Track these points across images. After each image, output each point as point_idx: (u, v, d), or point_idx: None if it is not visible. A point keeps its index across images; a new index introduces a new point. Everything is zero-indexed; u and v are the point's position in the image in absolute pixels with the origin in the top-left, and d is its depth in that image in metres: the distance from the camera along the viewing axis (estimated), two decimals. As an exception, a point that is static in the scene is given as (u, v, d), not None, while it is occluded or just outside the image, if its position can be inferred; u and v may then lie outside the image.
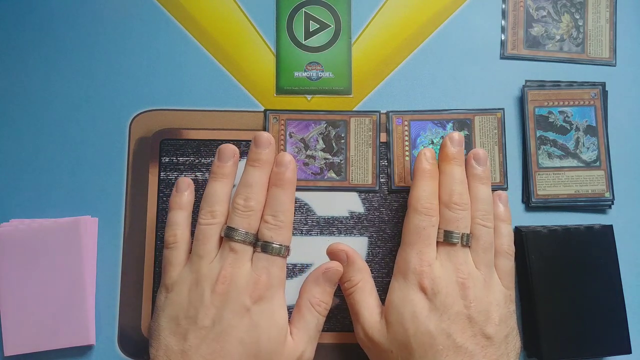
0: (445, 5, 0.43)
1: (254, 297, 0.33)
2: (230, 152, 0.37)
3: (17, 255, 0.37)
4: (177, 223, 0.36)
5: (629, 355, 0.37)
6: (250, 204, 0.35)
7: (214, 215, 0.35)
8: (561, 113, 0.41)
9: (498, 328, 0.34)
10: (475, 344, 0.33)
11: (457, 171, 0.37)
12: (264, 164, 0.36)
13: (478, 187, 0.37)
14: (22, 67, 0.41)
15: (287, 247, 0.35)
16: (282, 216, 0.35)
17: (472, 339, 0.33)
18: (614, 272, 0.37)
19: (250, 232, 0.34)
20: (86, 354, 0.38)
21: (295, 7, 0.42)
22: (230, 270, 0.33)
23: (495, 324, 0.34)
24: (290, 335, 0.35)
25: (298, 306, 0.36)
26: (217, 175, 0.36)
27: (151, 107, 0.41)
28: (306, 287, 0.36)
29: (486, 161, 0.37)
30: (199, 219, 0.35)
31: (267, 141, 0.36)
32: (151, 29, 0.42)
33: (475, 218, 0.36)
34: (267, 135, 0.36)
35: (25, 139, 0.40)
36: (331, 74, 0.42)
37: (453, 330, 0.33)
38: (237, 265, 0.34)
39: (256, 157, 0.36)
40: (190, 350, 0.32)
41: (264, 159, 0.36)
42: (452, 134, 0.37)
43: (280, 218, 0.35)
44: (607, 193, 0.40)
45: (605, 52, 0.42)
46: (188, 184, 0.37)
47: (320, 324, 0.36)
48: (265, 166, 0.36)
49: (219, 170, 0.36)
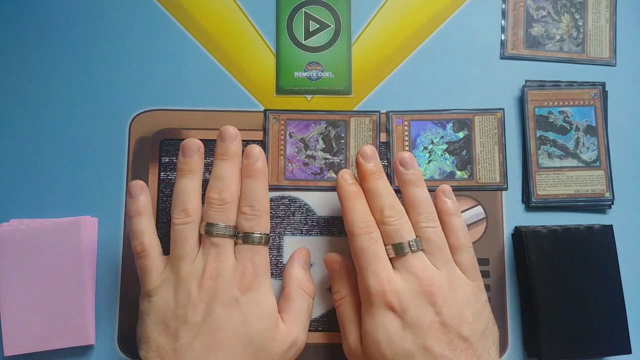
0: (445, 5, 0.43)
1: (242, 287, 0.33)
2: (195, 146, 0.36)
3: (17, 255, 0.37)
4: (140, 230, 0.35)
5: (629, 355, 0.37)
6: (224, 197, 0.35)
7: (188, 214, 0.35)
8: (561, 113, 0.41)
9: (473, 326, 0.33)
10: (454, 349, 0.32)
11: (380, 185, 0.36)
12: (232, 155, 0.36)
13: (413, 191, 0.36)
14: (22, 67, 0.41)
15: (267, 235, 0.35)
16: (259, 205, 0.35)
17: (450, 345, 0.33)
18: (614, 272, 0.37)
19: (229, 224, 0.35)
20: (86, 354, 0.38)
21: (295, 7, 0.42)
22: (215, 265, 0.34)
23: (470, 322, 0.33)
24: (283, 322, 0.35)
25: (286, 294, 0.36)
26: (184, 172, 0.36)
27: (151, 107, 0.41)
28: (291, 274, 0.37)
29: (413, 163, 0.37)
30: (173, 219, 0.35)
31: (233, 134, 0.36)
32: (151, 29, 0.42)
33: (419, 222, 0.35)
34: (233, 129, 0.36)
35: (25, 139, 0.40)
36: (331, 74, 0.42)
37: (429, 342, 0.32)
38: (221, 259, 0.34)
39: (224, 150, 0.36)
40: (182, 348, 0.32)
41: (232, 151, 0.36)
42: (364, 149, 0.37)
43: (257, 207, 0.35)
44: (607, 193, 0.40)
45: (605, 52, 0.42)
46: (141, 186, 0.37)
47: (310, 307, 0.37)
48: (234, 158, 0.36)
49: (185, 167, 0.36)
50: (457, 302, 0.34)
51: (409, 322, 0.33)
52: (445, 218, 0.37)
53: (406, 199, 0.37)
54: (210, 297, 0.33)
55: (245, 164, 0.36)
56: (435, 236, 0.35)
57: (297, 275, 0.37)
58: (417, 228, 0.36)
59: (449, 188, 0.38)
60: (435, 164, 0.41)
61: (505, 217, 0.41)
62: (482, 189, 0.41)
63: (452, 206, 0.37)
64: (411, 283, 0.34)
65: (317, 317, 0.39)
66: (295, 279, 0.37)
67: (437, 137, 0.41)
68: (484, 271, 0.39)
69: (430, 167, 0.41)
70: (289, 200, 0.40)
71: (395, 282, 0.34)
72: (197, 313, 0.33)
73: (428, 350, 0.32)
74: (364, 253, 0.35)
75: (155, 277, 0.35)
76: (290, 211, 0.40)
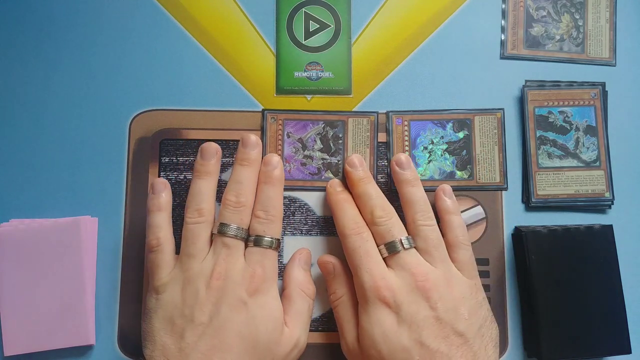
0: (445, 5, 0.43)
1: (250, 290, 0.34)
2: (213, 149, 0.37)
3: (17, 255, 0.38)
4: (158, 225, 0.36)
5: (629, 355, 0.37)
6: (241, 200, 0.35)
7: (201, 214, 0.35)
8: (561, 113, 0.41)
9: (469, 322, 0.33)
10: (449, 345, 0.33)
11: (369, 188, 0.37)
12: (253, 162, 0.37)
13: (410, 191, 0.37)
14: (22, 67, 0.41)
15: (278, 240, 0.36)
16: (273, 211, 0.36)
17: (445, 341, 0.33)
18: (614, 272, 0.37)
19: (242, 227, 0.35)
20: (86, 354, 0.38)
21: (295, 7, 0.42)
22: (224, 266, 0.34)
23: (465, 318, 0.33)
24: (285, 324, 0.35)
25: (287, 295, 0.37)
26: (201, 173, 0.37)
27: (151, 107, 0.41)
28: (292, 275, 0.37)
29: (409, 163, 0.38)
30: (186, 218, 0.36)
31: (255, 143, 0.37)
32: (151, 29, 0.42)
33: (416, 221, 0.36)
34: (255, 138, 0.38)
35: (25, 139, 0.40)
36: (331, 74, 0.42)
37: (425, 337, 0.33)
38: (231, 260, 0.34)
39: (245, 156, 0.37)
40: (188, 347, 0.32)
41: (253, 158, 0.37)
42: (351, 158, 0.38)
43: (272, 213, 0.36)
44: (607, 193, 0.40)
45: (605, 52, 0.42)
46: (164, 184, 0.38)
47: (311, 308, 0.37)
48: (253, 165, 0.37)
49: (202, 169, 0.37)
50: (453, 298, 0.34)
51: (404, 318, 0.33)
52: (445, 216, 0.37)
53: (402, 198, 0.37)
54: (217, 297, 0.33)
55: (263, 171, 0.37)
56: (432, 234, 0.36)
57: (297, 276, 0.37)
58: (414, 226, 0.36)
59: (449, 188, 0.38)
60: (435, 164, 0.41)
61: (505, 217, 0.41)
62: (482, 189, 0.41)
63: (452, 205, 0.38)
64: (405, 279, 0.34)
65: (317, 317, 0.39)
66: (296, 280, 0.37)
67: (437, 137, 0.41)
68: (484, 271, 0.39)
69: (430, 167, 0.41)
70: (288, 201, 0.40)
71: (389, 278, 0.34)
72: (204, 313, 0.33)
73: (424, 345, 0.32)
74: (356, 253, 0.35)
75: (165, 274, 0.35)
76: (290, 211, 0.40)
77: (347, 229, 0.36)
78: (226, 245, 0.34)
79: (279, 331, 0.34)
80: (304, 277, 0.38)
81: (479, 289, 0.36)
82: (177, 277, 0.34)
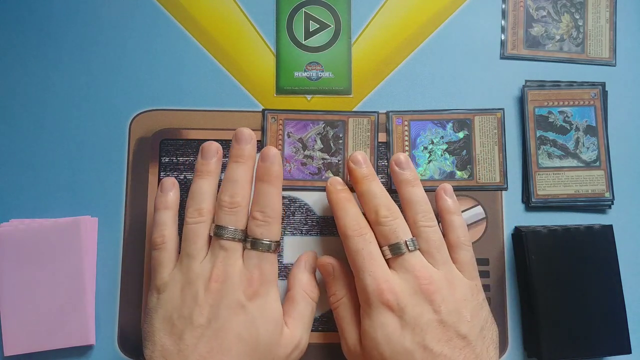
0: (445, 5, 0.43)
1: (248, 293, 0.33)
2: (214, 149, 0.37)
3: (17, 255, 0.38)
4: (164, 223, 0.36)
5: (629, 355, 0.37)
6: (236, 200, 0.35)
7: (202, 213, 0.35)
8: (561, 113, 0.41)
9: (471, 324, 0.33)
10: (452, 348, 0.32)
11: (373, 187, 0.36)
12: (247, 159, 0.36)
13: (410, 191, 0.36)
14: (22, 67, 0.41)
15: (277, 243, 0.35)
16: (271, 212, 0.35)
17: (448, 344, 0.33)
18: (614, 272, 0.37)
19: (238, 228, 0.35)
20: (86, 354, 0.38)
21: (295, 7, 0.42)
22: (222, 269, 0.34)
23: (468, 320, 0.33)
24: (286, 325, 0.35)
25: (291, 297, 0.36)
26: (202, 173, 0.36)
27: (151, 107, 0.41)
28: (296, 277, 0.37)
29: (409, 163, 0.37)
30: (186, 217, 0.35)
31: (248, 136, 0.36)
32: (151, 29, 0.42)
33: (417, 222, 0.36)
34: (248, 131, 0.36)
35: (25, 139, 0.40)
36: (331, 74, 0.42)
37: (428, 340, 0.32)
38: (228, 263, 0.34)
39: (239, 152, 0.36)
40: (187, 349, 0.32)
41: (247, 155, 0.36)
42: (355, 155, 0.37)
43: (269, 214, 0.35)
44: (607, 193, 0.40)
45: (605, 52, 0.42)
46: (173, 183, 0.38)
47: (313, 310, 0.37)
48: (248, 162, 0.36)
49: (203, 168, 0.36)
50: (455, 301, 0.34)
51: (408, 321, 0.33)
52: (446, 216, 0.37)
53: (403, 199, 0.37)
54: (216, 300, 0.33)
55: (260, 167, 0.36)
56: (434, 235, 0.35)
57: (302, 279, 0.37)
58: (415, 227, 0.36)
59: (449, 187, 0.38)
60: (435, 164, 0.41)
61: (505, 217, 0.41)
62: (482, 189, 0.41)
63: (453, 205, 0.37)
64: (409, 282, 0.34)
65: (317, 317, 0.39)
66: (300, 282, 0.37)
67: (437, 137, 0.41)
68: (484, 271, 0.39)
69: (430, 167, 0.41)
70: (288, 200, 0.40)
71: (392, 280, 0.34)
72: (203, 315, 0.33)
73: (427, 348, 0.32)
74: (358, 255, 0.35)
75: (167, 272, 0.35)
76: (290, 211, 0.40)
77: (350, 230, 0.35)
78: (223, 247, 0.34)
79: (279, 332, 0.34)
80: (308, 279, 0.37)
81: (480, 290, 0.36)
82: (178, 277, 0.34)
